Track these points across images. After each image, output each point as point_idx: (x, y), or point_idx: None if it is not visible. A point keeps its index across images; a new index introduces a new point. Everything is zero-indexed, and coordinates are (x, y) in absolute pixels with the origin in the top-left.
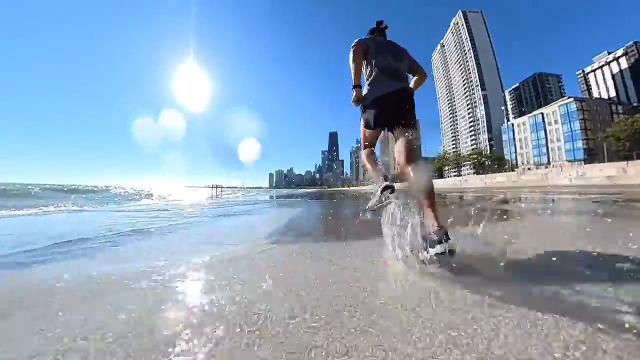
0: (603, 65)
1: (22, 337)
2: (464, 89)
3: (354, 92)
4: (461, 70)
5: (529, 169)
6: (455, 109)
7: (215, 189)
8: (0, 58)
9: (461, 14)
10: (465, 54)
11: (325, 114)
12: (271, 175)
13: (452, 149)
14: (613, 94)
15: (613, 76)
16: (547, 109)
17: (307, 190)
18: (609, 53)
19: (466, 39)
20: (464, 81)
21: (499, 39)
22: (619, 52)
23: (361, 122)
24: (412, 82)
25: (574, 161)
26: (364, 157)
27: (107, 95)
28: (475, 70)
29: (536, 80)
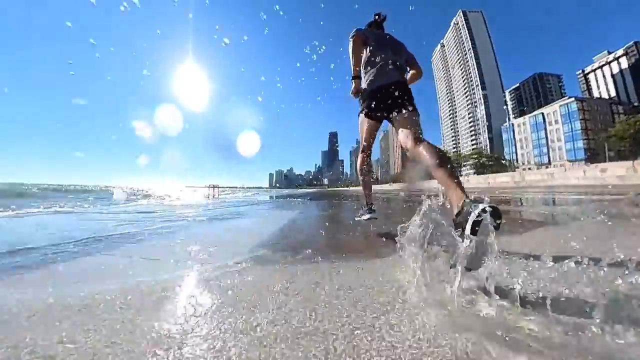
0: (603, 65)
1: None
2: (464, 88)
3: (354, 84)
4: (461, 70)
5: (529, 168)
6: (456, 108)
7: (212, 188)
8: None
9: (461, 13)
10: (466, 54)
11: (325, 114)
12: (271, 175)
13: (452, 149)
14: (613, 93)
15: (613, 76)
16: (548, 109)
17: (307, 190)
18: (609, 53)
19: (466, 38)
20: (464, 81)
21: (499, 38)
22: (619, 52)
23: (360, 116)
24: (408, 76)
25: (575, 161)
26: (358, 165)
27: (107, 96)
28: (476, 70)
29: (536, 80)
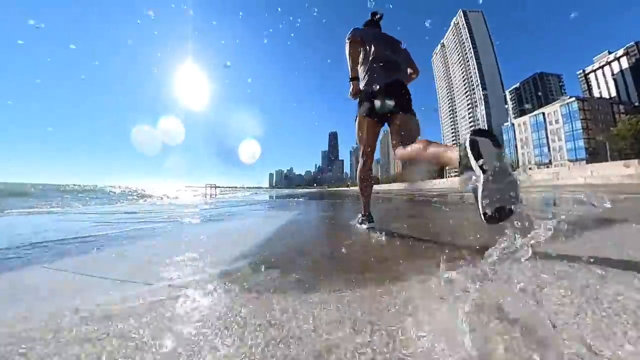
0: (604, 65)
1: None
2: (465, 88)
3: (352, 85)
4: (462, 70)
5: (530, 168)
6: (456, 108)
7: (210, 188)
8: (2, 59)
9: (462, 13)
10: (466, 54)
11: (325, 114)
12: (271, 175)
13: None
14: (614, 93)
15: (614, 76)
16: (548, 109)
17: (306, 190)
18: (610, 53)
19: (467, 38)
20: (464, 81)
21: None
22: (620, 52)
23: (357, 119)
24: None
25: (576, 161)
26: (359, 171)
27: (108, 98)
28: (476, 69)
29: (537, 80)
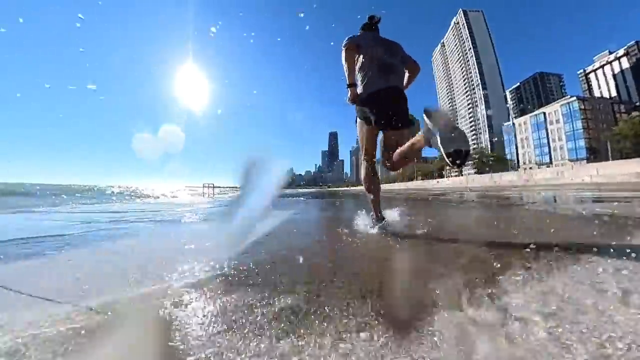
0: (604, 65)
1: None
2: (465, 88)
3: (349, 91)
4: (462, 69)
5: (530, 168)
6: (456, 108)
7: (208, 188)
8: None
9: (462, 13)
10: (466, 53)
11: (325, 114)
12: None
13: None
14: (614, 93)
15: (614, 76)
16: (549, 108)
17: (306, 190)
18: (610, 52)
19: (467, 38)
20: (464, 80)
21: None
22: (620, 51)
23: (358, 121)
24: (406, 78)
25: (576, 160)
26: (364, 174)
27: (108, 98)
28: (476, 69)
29: (537, 79)
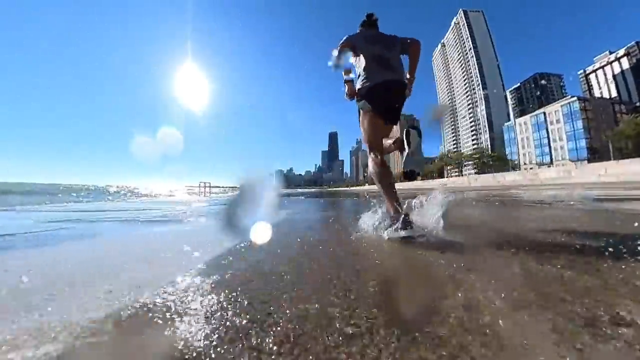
0: (604, 65)
1: None
2: (465, 88)
3: (346, 87)
4: (462, 69)
5: (531, 168)
6: (456, 108)
7: (204, 187)
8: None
9: (462, 13)
10: (466, 54)
11: (325, 114)
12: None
13: (452, 148)
14: (614, 94)
15: (614, 76)
16: (549, 108)
17: (306, 190)
18: (611, 53)
19: (467, 38)
20: (464, 81)
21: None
22: (621, 52)
23: (360, 114)
24: (409, 61)
25: (577, 160)
26: (372, 167)
27: (108, 98)
28: (477, 69)
29: (537, 80)
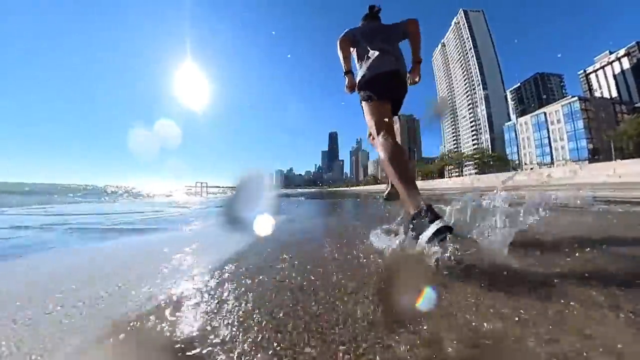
0: (605, 66)
1: None
2: (465, 88)
3: (347, 79)
4: (462, 69)
5: (531, 168)
6: (456, 108)
7: (200, 187)
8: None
9: (462, 13)
10: (467, 54)
11: (325, 114)
12: (271, 176)
13: (453, 148)
14: (615, 94)
15: (615, 76)
16: (550, 108)
17: (306, 190)
18: (611, 53)
19: (467, 38)
20: (465, 81)
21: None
22: (621, 52)
23: (362, 104)
24: (410, 43)
25: (578, 160)
26: (384, 151)
27: (109, 98)
28: (477, 69)
29: (538, 80)
